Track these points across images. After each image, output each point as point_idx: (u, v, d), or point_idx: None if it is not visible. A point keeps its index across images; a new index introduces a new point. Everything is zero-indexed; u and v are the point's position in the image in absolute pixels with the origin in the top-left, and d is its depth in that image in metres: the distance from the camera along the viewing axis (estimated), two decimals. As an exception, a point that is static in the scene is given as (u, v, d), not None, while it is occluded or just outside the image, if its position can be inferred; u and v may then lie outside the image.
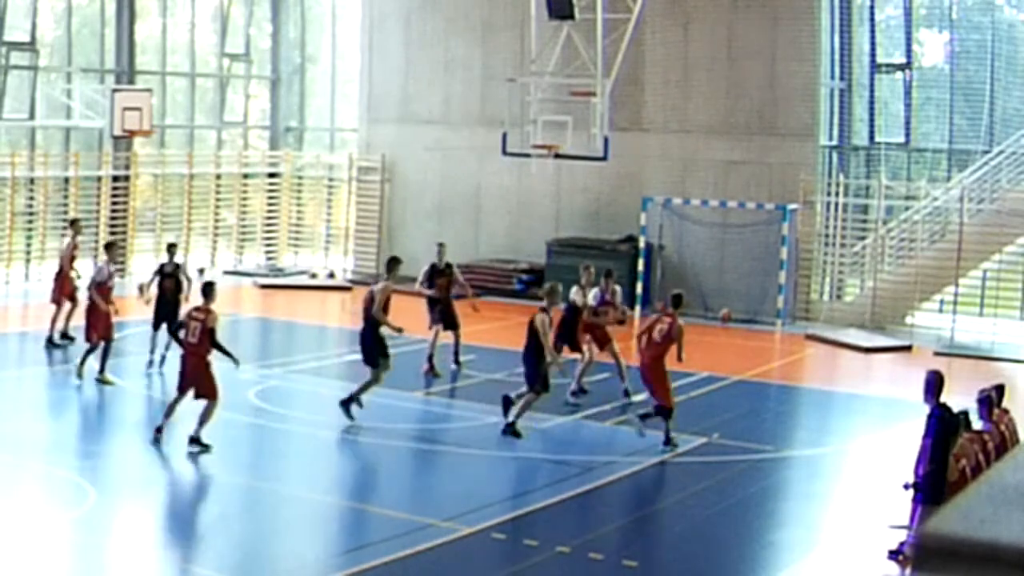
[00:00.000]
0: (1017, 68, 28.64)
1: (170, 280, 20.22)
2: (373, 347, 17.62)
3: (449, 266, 21.83)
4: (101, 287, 19.50)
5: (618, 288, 20.40)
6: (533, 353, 17.14)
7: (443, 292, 21.41)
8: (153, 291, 20.26)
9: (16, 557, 11.80)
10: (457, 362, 21.37)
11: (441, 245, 22.24)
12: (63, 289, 22.43)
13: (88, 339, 19.37)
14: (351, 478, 16.08)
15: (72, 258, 22.95)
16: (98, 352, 19.14)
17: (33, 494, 14.08)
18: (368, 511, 14.10)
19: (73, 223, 24.22)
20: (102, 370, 19.00)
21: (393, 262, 18.71)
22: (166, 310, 19.82)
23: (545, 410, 18.84)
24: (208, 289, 16.48)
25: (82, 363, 19.20)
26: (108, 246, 21.11)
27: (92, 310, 19.44)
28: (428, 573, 12.28)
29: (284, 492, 14.88)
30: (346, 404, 17.29)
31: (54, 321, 22.15)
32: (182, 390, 16.10)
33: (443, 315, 21.29)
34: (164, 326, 19.30)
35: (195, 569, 11.98)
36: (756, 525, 14.45)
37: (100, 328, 19.20)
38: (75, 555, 12.27)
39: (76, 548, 12.40)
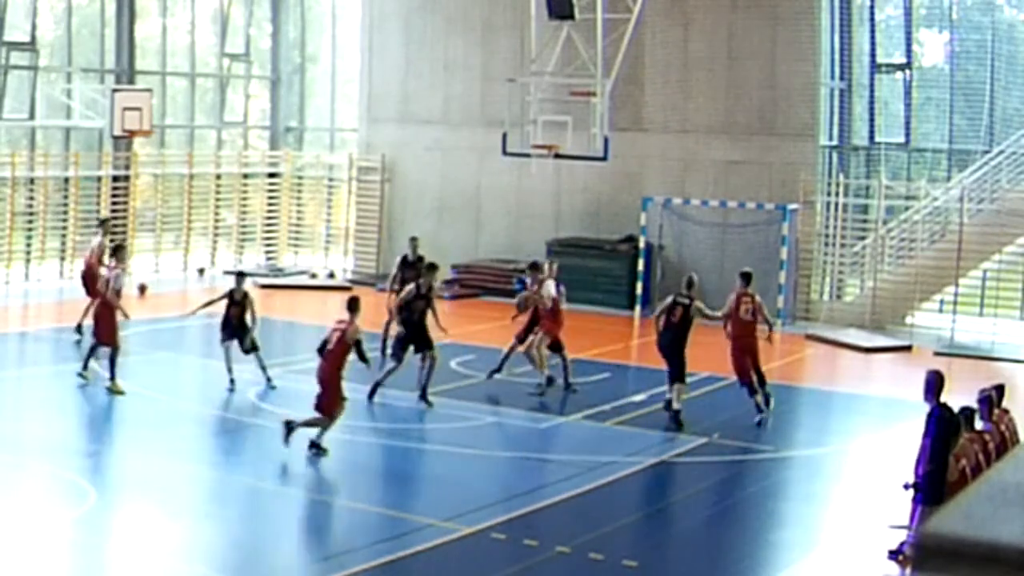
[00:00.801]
0: (1017, 68, 28.64)
1: (237, 308, 19.67)
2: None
3: (420, 259, 21.24)
4: (118, 293, 19.33)
5: (550, 281, 20.41)
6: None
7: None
8: (209, 310, 20.15)
9: (17, 557, 11.80)
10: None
11: (414, 239, 22.69)
12: (94, 287, 22.63)
13: (96, 339, 19.23)
14: (351, 478, 16.07)
15: (100, 256, 23.14)
16: (105, 362, 18.93)
17: (34, 494, 14.07)
18: (368, 511, 14.10)
19: (103, 223, 24.47)
20: (112, 378, 18.74)
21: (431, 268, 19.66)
22: (234, 334, 19.54)
23: (545, 410, 18.84)
24: (353, 304, 16.53)
25: (87, 360, 19.16)
26: (117, 249, 20.78)
27: (103, 315, 19.19)
28: (428, 573, 12.29)
29: (284, 492, 14.88)
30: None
31: (86, 313, 22.50)
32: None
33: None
34: (235, 343, 19.37)
35: (195, 569, 11.98)
36: (756, 525, 14.45)
37: (106, 334, 19.01)
38: (75, 555, 12.27)
39: (76, 548, 12.40)
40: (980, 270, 27.14)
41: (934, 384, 11.95)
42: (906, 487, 12.10)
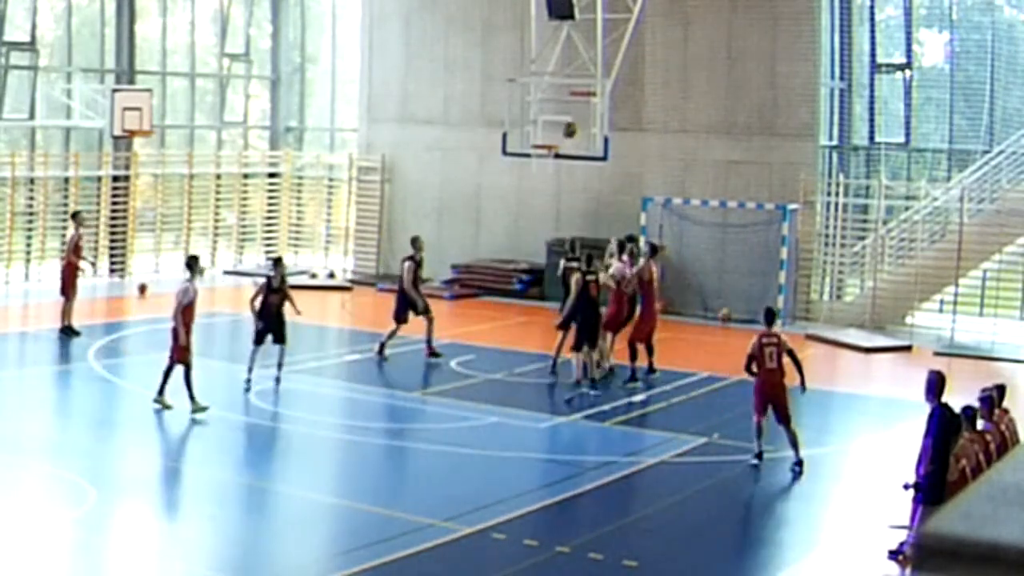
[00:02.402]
0: (1017, 68, 28.63)
1: (277, 295, 19.21)
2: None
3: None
4: (187, 309, 17.81)
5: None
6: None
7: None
8: (257, 304, 19.17)
9: (17, 557, 11.80)
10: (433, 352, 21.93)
11: (415, 239, 23.02)
12: (70, 284, 22.69)
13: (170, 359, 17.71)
14: (351, 478, 16.07)
15: (78, 250, 23.18)
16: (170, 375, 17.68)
17: (34, 494, 14.07)
18: (368, 511, 14.09)
19: (75, 215, 24.43)
20: (161, 391, 17.61)
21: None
22: (271, 324, 19.13)
23: (546, 410, 18.84)
24: (770, 315, 16.75)
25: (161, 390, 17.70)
26: (191, 261, 18.64)
27: (175, 334, 17.68)
28: (428, 573, 12.28)
29: (284, 492, 14.89)
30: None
31: (65, 313, 22.43)
32: (761, 411, 15.94)
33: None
34: (269, 338, 19.05)
35: (195, 569, 11.98)
36: (756, 525, 14.46)
37: (179, 352, 17.62)
38: (76, 555, 12.27)
39: (77, 548, 12.40)
40: (980, 270, 27.13)
41: (935, 384, 11.95)
42: (906, 487, 12.10)
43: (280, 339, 19.21)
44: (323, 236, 34.92)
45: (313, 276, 33.04)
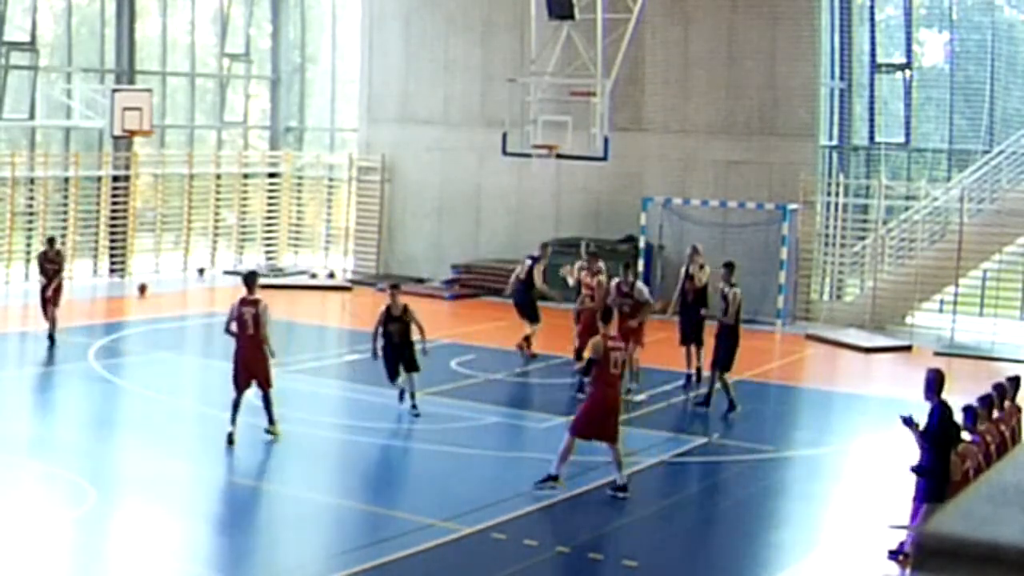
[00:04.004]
0: (1017, 68, 28.64)
1: (398, 325, 17.85)
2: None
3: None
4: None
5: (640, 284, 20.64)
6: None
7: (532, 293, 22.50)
8: (379, 339, 17.91)
9: (17, 557, 11.80)
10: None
11: (545, 245, 23.20)
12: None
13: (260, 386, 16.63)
14: (351, 478, 16.07)
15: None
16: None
17: (34, 494, 14.08)
18: (368, 511, 14.10)
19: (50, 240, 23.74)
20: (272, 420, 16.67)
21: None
22: (398, 355, 17.85)
23: (546, 410, 18.83)
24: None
25: (270, 414, 16.61)
26: (250, 278, 17.08)
27: (256, 357, 16.48)
28: (429, 573, 12.28)
29: (284, 492, 14.89)
30: None
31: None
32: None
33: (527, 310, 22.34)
34: (401, 368, 17.93)
35: (195, 569, 11.98)
36: (756, 525, 14.45)
37: (265, 375, 16.50)
38: (76, 555, 12.27)
39: (77, 548, 12.40)
40: (980, 270, 27.14)
41: (934, 382, 11.95)
42: (913, 470, 12.06)
43: (411, 367, 17.93)
44: (323, 236, 34.92)
45: (313, 276, 33.06)
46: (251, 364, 16.23)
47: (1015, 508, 4.39)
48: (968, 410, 12.73)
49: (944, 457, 11.60)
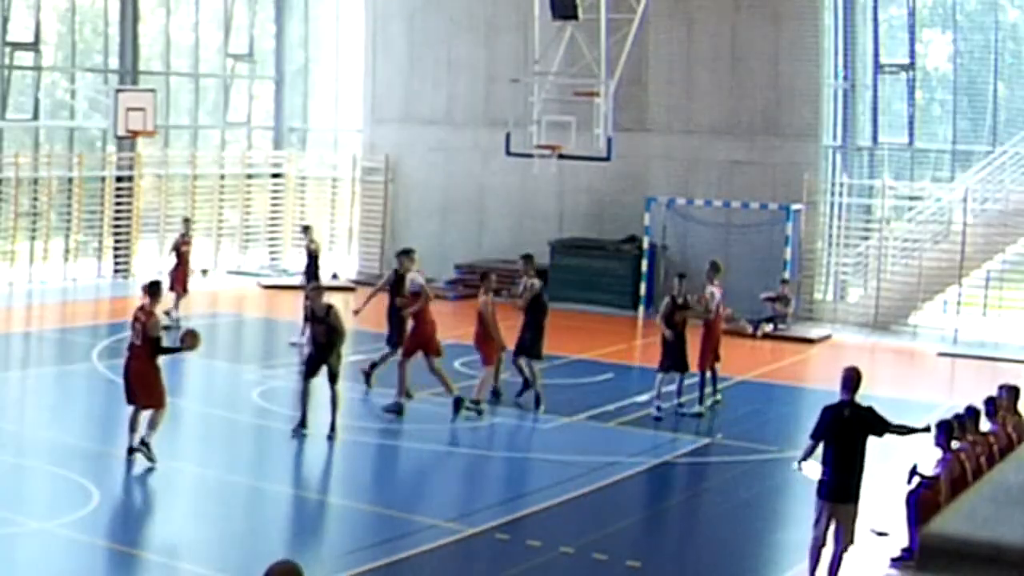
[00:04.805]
0: (1021, 68, 28.61)
1: (321, 326, 16.74)
2: None
3: (686, 301, 19.26)
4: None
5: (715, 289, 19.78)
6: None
7: (680, 329, 18.99)
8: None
9: (18, 557, 11.80)
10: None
11: (682, 276, 19.80)
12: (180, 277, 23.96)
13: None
14: (352, 478, 16.06)
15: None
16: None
17: (36, 495, 14.07)
18: (370, 511, 14.08)
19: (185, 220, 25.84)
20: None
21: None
22: (320, 357, 16.88)
23: (547, 410, 18.81)
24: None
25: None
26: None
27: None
28: (431, 574, 12.28)
29: (285, 492, 14.88)
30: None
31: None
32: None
33: (676, 355, 18.96)
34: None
35: (195, 569, 11.97)
36: (760, 525, 14.43)
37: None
38: (78, 555, 12.26)
39: (79, 549, 12.39)
40: (984, 270, 27.12)
41: (851, 380, 11.91)
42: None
43: (333, 377, 16.78)
44: (326, 236, 34.90)
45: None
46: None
47: (1017, 509, 4.39)
48: (990, 401, 12.75)
49: (846, 458, 11.50)
